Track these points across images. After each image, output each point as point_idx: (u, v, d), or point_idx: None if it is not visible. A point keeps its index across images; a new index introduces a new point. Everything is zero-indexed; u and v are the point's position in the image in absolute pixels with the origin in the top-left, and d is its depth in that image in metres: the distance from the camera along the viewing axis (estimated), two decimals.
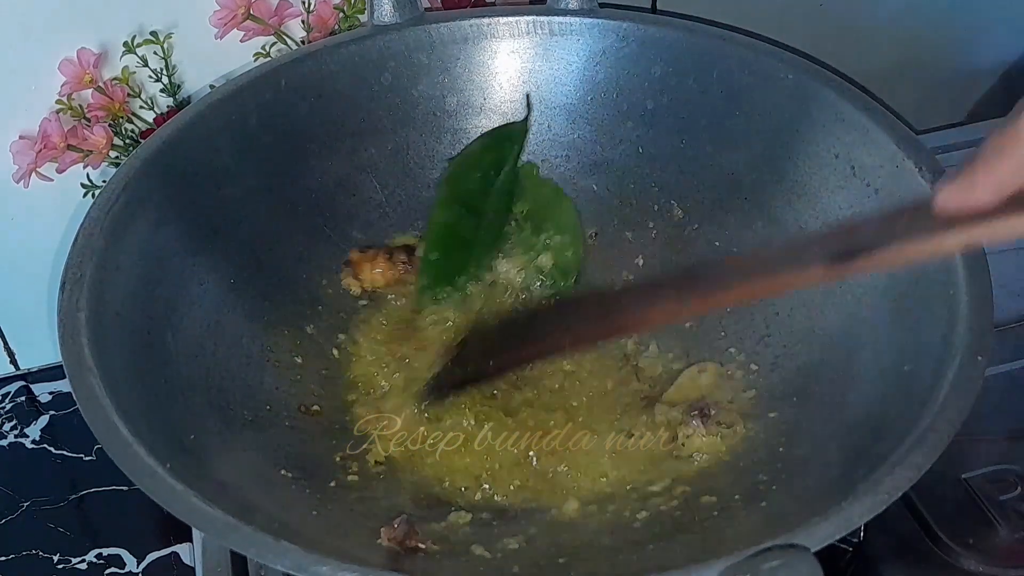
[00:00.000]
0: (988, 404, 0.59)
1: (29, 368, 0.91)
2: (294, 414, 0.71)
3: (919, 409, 0.57)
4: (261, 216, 0.77)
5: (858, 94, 0.74)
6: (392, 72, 0.82)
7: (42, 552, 0.78)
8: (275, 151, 0.78)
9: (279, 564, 0.51)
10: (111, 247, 0.65)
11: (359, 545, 0.60)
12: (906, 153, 0.70)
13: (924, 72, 1.04)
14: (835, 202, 0.73)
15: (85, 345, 0.59)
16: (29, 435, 0.86)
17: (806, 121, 0.76)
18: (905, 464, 0.54)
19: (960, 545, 0.71)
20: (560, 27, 0.82)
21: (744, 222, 0.79)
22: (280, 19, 0.81)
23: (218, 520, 0.52)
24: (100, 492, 0.82)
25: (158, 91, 0.81)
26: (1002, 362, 0.82)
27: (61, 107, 0.78)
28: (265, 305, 0.75)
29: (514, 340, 0.71)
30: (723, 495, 0.65)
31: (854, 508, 0.52)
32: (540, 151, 0.85)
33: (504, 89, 0.84)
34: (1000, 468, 0.75)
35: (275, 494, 0.62)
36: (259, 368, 0.72)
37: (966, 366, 0.58)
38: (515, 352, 0.70)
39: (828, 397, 0.68)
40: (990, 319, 0.61)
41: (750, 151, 0.79)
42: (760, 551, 0.49)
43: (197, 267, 0.71)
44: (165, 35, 0.79)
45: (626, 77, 0.82)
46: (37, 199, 0.80)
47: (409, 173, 0.83)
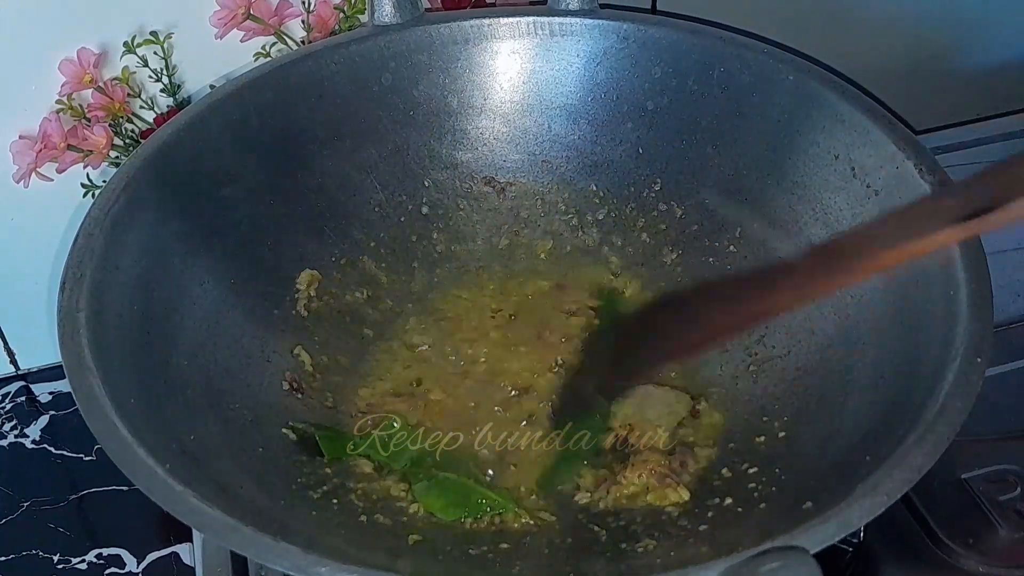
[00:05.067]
0: (988, 404, 0.59)
1: (29, 368, 0.91)
2: (294, 414, 0.71)
3: (919, 410, 0.57)
4: (261, 216, 0.77)
5: (858, 95, 0.74)
6: (392, 72, 0.82)
7: (42, 552, 0.78)
8: (275, 151, 0.78)
9: (278, 565, 0.51)
10: (111, 247, 0.65)
11: (359, 546, 0.60)
12: (906, 154, 0.70)
13: (924, 72, 1.04)
14: (835, 203, 0.74)
15: (85, 345, 0.59)
16: (29, 435, 0.86)
17: (806, 122, 0.76)
18: (904, 466, 0.54)
19: (960, 545, 0.71)
20: (561, 28, 0.82)
21: (744, 223, 0.79)
22: (280, 19, 0.81)
23: (217, 520, 0.52)
24: (100, 492, 0.82)
25: (158, 91, 0.81)
26: (1002, 362, 0.82)
27: (61, 107, 0.78)
28: (265, 305, 0.75)
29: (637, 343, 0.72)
30: (722, 497, 0.65)
31: (853, 510, 0.52)
32: (540, 151, 0.85)
33: (505, 90, 0.84)
34: (1000, 468, 0.75)
35: (275, 494, 0.62)
36: (259, 368, 0.72)
37: (966, 367, 0.58)
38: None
39: (827, 398, 0.68)
40: (990, 319, 0.60)
41: (750, 151, 0.79)
42: (759, 553, 0.49)
43: (197, 267, 0.71)
44: (165, 35, 0.79)
45: (626, 78, 0.82)
46: (37, 199, 0.80)
47: (409, 173, 0.83)
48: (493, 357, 0.78)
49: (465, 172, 0.85)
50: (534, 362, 0.78)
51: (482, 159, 0.85)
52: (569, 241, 0.85)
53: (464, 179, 0.85)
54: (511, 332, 0.80)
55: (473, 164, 0.85)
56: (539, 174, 0.85)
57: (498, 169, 0.85)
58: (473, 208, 0.85)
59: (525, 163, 0.85)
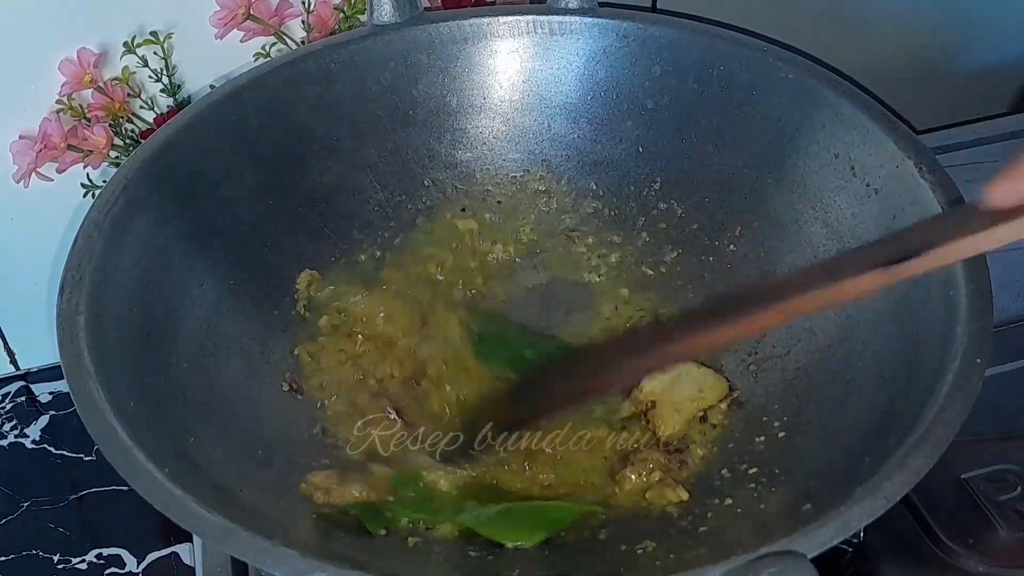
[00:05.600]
0: (988, 404, 0.59)
1: (29, 368, 0.91)
2: (294, 415, 0.71)
3: (919, 410, 0.57)
4: (261, 216, 0.77)
5: (858, 94, 0.74)
6: (392, 72, 0.81)
7: (42, 552, 0.78)
8: (275, 151, 0.78)
9: (277, 569, 0.51)
10: (110, 248, 0.65)
11: (359, 549, 0.60)
12: (906, 153, 0.69)
13: (924, 72, 1.03)
14: (835, 202, 0.73)
15: (84, 347, 0.59)
16: (29, 435, 0.86)
17: (806, 121, 0.76)
18: (904, 468, 0.53)
19: (960, 545, 0.71)
20: (560, 26, 0.82)
21: (744, 222, 0.79)
22: (280, 19, 0.81)
23: (216, 525, 0.52)
24: (100, 492, 0.82)
25: (158, 91, 0.81)
26: (1002, 362, 0.82)
27: (61, 107, 0.78)
28: (265, 305, 0.75)
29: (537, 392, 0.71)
30: (722, 497, 0.65)
31: (853, 512, 0.52)
32: (540, 150, 0.84)
33: (504, 89, 0.84)
34: (1000, 468, 0.75)
35: (275, 498, 0.62)
36: (259, 369, 0.72)
37: (966, 367, 0.58)
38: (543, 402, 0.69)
39: (827, 399, 0.68)
40: (990, 319, 0.60)
41: (750, 151, 0.79)
42: (757, 557, 0.49)
43: (197, 267, 0.71)
44: (165, 35, 0.79)
45: (626, 77, 0.82)
46: (37, 199, 0.80)
47: (409, 173, 0.83)
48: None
49: (465, 171, 0.85)
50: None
51: (482, 158, 0.85)
52: (569, 241, 0.84)
53: (464, 179, 0.85)
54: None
55: (473, 163, 0.85)
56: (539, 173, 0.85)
57: (498, 168, 0.85)
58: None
59: (525, 162, 0.85)
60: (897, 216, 0.69)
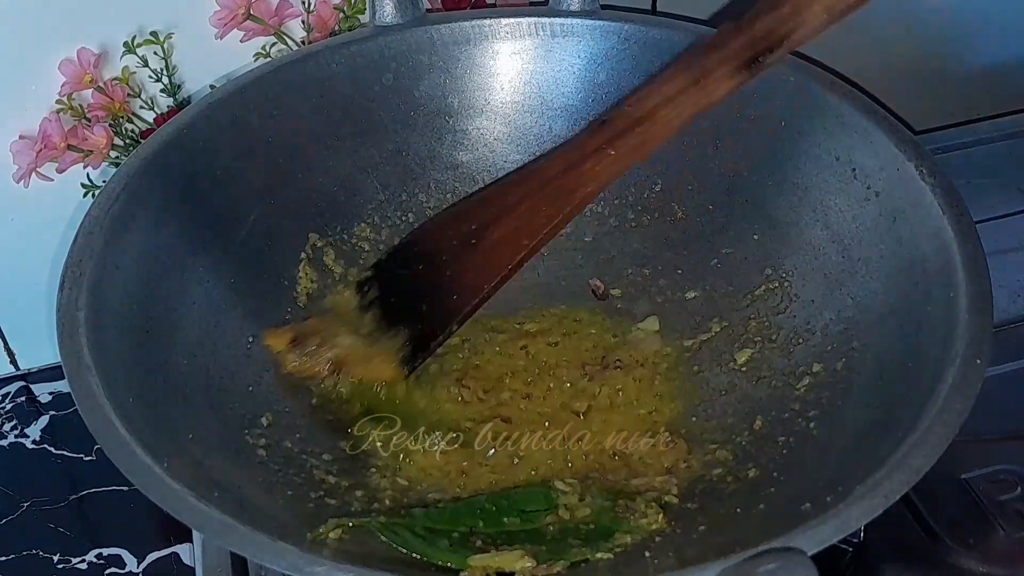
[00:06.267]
0: (988, 404, 0.59)
1: (29, 368, 0.91)
2: (294, 415, 0.71)
3: (918, 411, 0.57)
4: (261, 216, 0.77)
5: (858, 96, 0.74)
6: (393, 73, 0.82)
7: (42, 552, 0.78)
8: (275, 151, 0.78)
9: (276, 564, 0.51)
10: (111, 247, 0.65)
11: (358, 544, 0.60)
12: (907, 156, 0.70)
13: (924, 72, 1.04)
14: (835, 204, 0.74)
15: (84, 344, 0.59)
16: (29, 435, 0.86)
17: (807, 123, 0.76)
18: (903, 467, 0.53)
19: (960, 545, 0.71)
20: (562, 28, 0.82)
21: (744, 223, 0.79)
22: (280, 19, 0.81)
23: (215, 520, 0.52)
24: (100, 492, 0.82)
25: (158, 91, 0.81)
26: (1002, 362, 0.82)
27: (61, 107, 0.78)
28: (265, 305, 0.75)
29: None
30: (721, 497, 0.65)
31: (852, 511, 0.52)
32: (541, 152, 0.84)
33: (506, 90, 0.84)
34: (1000, 468, 0.75)
35: (274, 494, 0.62)
36: (259, 368, 0.72)
37: (966, 368, 0.58)
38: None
39: (826, 399, 0.67)
40: (990, 320, 0.60)
41: (750, 152, 0.79)
42: (757, 554, 0.49)
43: (197, 267, 0.71)
44: (165, 35, 0.79)
45: (627, 78, 0.82)
46: (37, 199, 0.80)
47: (410, 173, 0.83)
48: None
49: (466, 173, 0.85)
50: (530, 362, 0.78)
51: (483, 160, 0.85)
52: (567, 242, 0.84)
53: (465, 180, 0.85)
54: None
55: (474, 165, 0.85)
56: None
57: (499, 170, 0.85)
58: None
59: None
60: (897, 218, 0.69)
